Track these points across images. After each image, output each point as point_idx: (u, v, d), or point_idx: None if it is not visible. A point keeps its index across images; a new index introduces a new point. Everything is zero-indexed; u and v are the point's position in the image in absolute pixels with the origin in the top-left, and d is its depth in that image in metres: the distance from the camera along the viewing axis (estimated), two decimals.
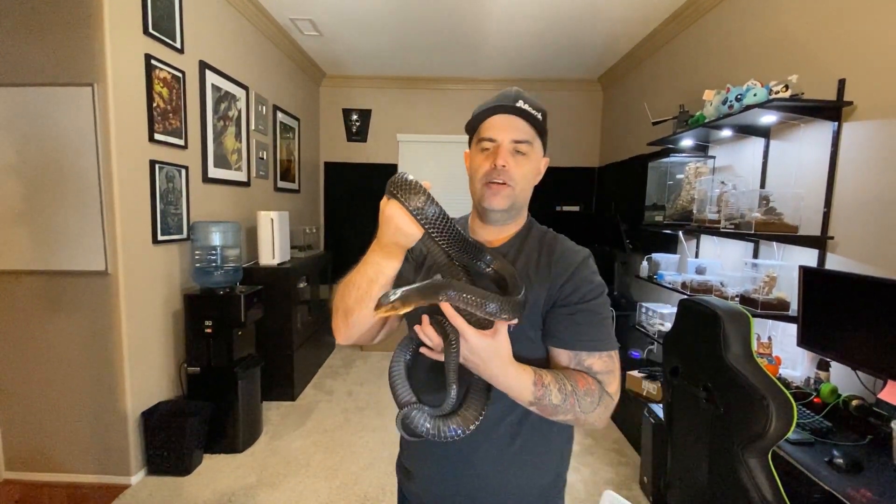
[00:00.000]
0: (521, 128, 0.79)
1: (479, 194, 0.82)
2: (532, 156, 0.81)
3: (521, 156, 0.80)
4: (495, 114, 0.80)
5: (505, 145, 0.79)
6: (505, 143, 0.79)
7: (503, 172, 0.78)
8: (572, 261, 0.81)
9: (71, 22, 1.94)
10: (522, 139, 0.79)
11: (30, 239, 2.04)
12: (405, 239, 0.69)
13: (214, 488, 2.17)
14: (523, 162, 0.80)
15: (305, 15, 3.28)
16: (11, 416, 2.16)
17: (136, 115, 2.14)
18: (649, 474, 2.09)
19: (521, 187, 0.81)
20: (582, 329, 0.77)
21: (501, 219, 0.84)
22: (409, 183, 0.67)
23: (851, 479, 1.20)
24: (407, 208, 0.67)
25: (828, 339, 1.63)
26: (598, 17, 3.16)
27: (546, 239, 0.87)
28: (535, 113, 0.80)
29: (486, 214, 0.84)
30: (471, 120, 0.84)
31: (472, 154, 0.84)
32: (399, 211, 0.67)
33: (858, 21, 1.73)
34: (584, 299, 0.78)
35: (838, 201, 1.79)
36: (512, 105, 0.78)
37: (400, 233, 0.68)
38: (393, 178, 0.69)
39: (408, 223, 0.67)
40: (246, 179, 3.21)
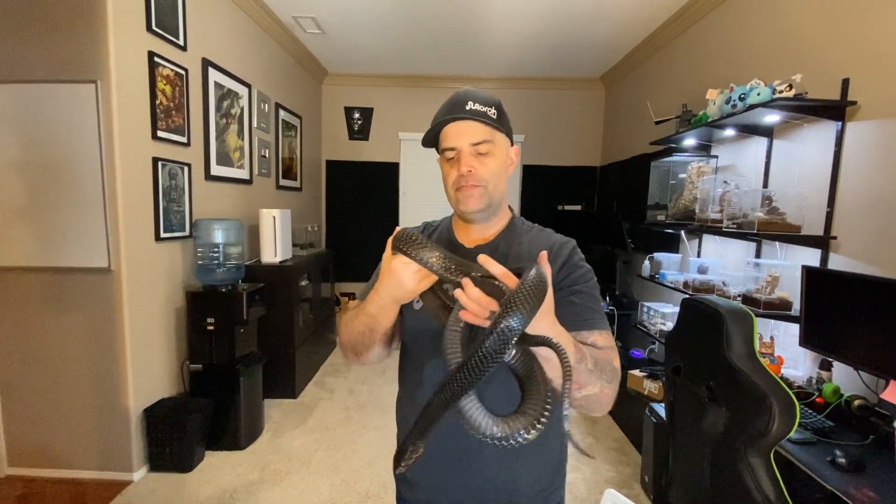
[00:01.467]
0: (476, 130, 0.80)
1: (454, 200, 0.84)
2: (496, 151, 0.82)
3: (484, 156, 0.81)
4: (448, 123, 0.81)
5: (465, 150, 0.80)
6: (465, 149, 0.80)
7: (470, 176, 0.80)
8: (563, 249, 0.86)
9: (75, 19, 1.94)
10: (480, 140, 0.80)
11: (33, 235, 2.05)
12: (404, 294, 0.71)
13: (216, 485, 2.17)
14: (488, 161, 0.81)
15: (308, 13, 3.28)
16: (14, 412, 2.17)
17: (140, 113, 2.14)
18: (650, 473, 2.09)
19: (493, 184, 0.83)
20: (581, 309, 0.80)
21: (481, 217, 0.86)
22: (415, 237, 0.67)
23: (853, 479, 1.20)
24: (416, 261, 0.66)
25: (830, 338, 1.63)
26: (601, 15, 3.16)
27: (534, 232, 0.91)
28: (486, 110, 0.81)
29: (466, 216, 0.85)
30: (428, 134, 0.85)
31: (441, 164, 0.87)
32: (405, 266, 0.68)
33: (863, 21, 1.73)
34: (578, 282, 0.82)
35: (841, 201, 1.79)
36: (462, 111, 0.79)
37: (401, 287, 0.70)
38: (398, 234, 0.70)
39: (411, 278, 0.69)
40: (248, 177, 3.21)
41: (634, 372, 2.58)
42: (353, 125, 4.80)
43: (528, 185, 4.83)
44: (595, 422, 2.91)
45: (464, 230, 0.90)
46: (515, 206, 4.86)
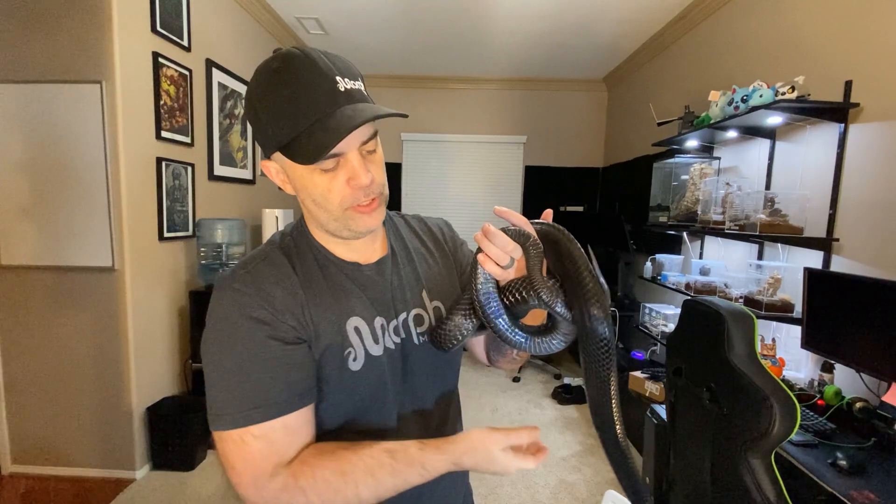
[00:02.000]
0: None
1: (344, 222, 0.61)
2: (379, 145, 0.62)
3: (373, 153, 0.61)
4: (326, 121, 0.53)
5: (355, 155, 0.57)
6: (354, 154, 0.57)
7: (373, 187, 0.60)
8: (446, 228, 0.83)
9: (80, 20, 1.96)
10: (370, 136, 0.58)
11: (38, 234, 2.06)
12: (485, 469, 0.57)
13: (218, 483, 2.18)
14: (377, 159, 0.62)
15: (311, 14, 3.29)
16: (18, 410, 2.18)
17: (144, 113, 2.15)
18: (651, 475, 2.09)
19: (386, 186, 0.65)
20: None
21: (374, 232, 0.68)
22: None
23: (855, 481, 1.20)
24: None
25: (832, 341, 1.63)
26: (604, 17, 3.16)
27: (408, 223, 0.79)
28: (361, 86, 0.58)
29: (358, 237, 0.65)
30: (273, 126, 0.55)
31: (303, 175, 0.58)
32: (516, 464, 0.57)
33: (865, 23, 1.72)
34: (468, 256, 0.80)
35: (844, 203, 1.79)
36: (342, 93, 0.54)
37: (491, 469, 0.57)
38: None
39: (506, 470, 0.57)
40: (251, 177, 3.22)
41: (636, 373, 2.58)
42: None
43: (530, 185, 4.83)
44: None
45: (343, 246, 0.67)
46: (517, 207, 4.86)
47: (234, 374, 0.56)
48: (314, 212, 0.62)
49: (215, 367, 0.57)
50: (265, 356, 0.56)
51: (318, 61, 0.54)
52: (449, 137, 4.72)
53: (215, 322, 0.58)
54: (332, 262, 0.66)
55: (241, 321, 0.57)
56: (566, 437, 2.73)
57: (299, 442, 0.58)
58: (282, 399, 0.56)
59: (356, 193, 0.59)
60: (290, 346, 0.58)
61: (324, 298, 0.63)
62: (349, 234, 0.63)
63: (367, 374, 0.63)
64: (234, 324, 0.57)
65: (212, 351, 0.58)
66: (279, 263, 0.62)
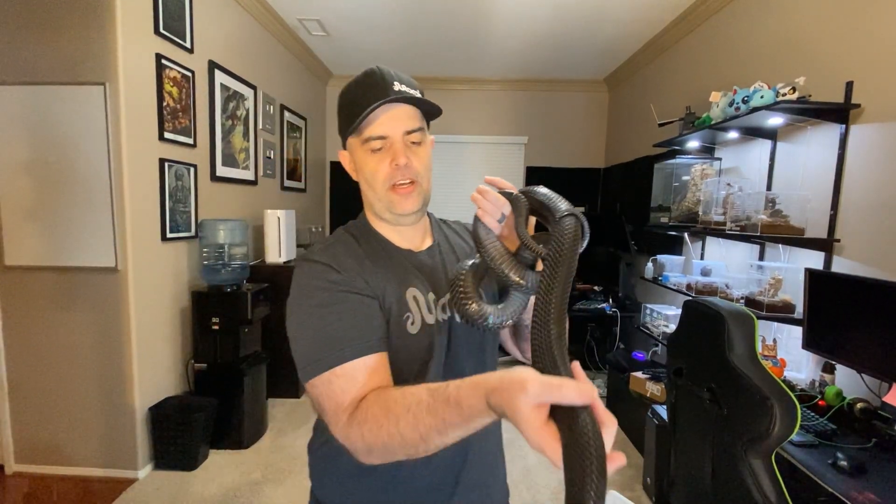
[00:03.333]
0: (410, 115, 0.70)
1: (386, 202, 0.72)
2: (425, 142, 0.73)
3: (417, 146, 0.71)
4: (376, 107, 0.68)
5: (398, 140, 0.69)
6: (398, 138, 0.69)
7: (407, 170, 0.70)
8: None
9: (84, 22, 1.97)
10: (414, 128, 0.70)
11: (42, 235, 2.08)
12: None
13: (220, 483, 2.19)
14: (421, 152, 0.72)
15: (313, 15, 3.30)
16: (22, 410, 2.19)
17: (147, 114, 2.16)
18: (652, 475, 2.09)
19: (427, 179, 0.74)
20: None
21: (415, 219, 0.77)
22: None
23: (855, 482, 1.20)
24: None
25: (833, 341, 1.63)
26: (605, 18, 3.17)
27: (450, 225, 0.90)
28: (416, 92, 0.71)
29: (399, 220, 0.75)
30: (345, 117, 0.72)
31: (360, 156, 0.72)
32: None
33: (866, 23, 1.73)
34: None
35: (845, 204, 1.79)
36: (392, 92, 0.68)
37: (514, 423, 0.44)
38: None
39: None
40: (253, 178, 3.23)
41: (637, 374, 2.58)
42: None
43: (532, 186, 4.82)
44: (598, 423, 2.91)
45: (395, 233, 0.78)
46: None
47: (319, 327, 0.64)
48: (367, 194, 0.75)
49: (301, 327, 0.65)
50: (344, 307, 0.65)
51: (385, 73, 0.70)
52: (450, 138, 4.72)
53: (297, 289, 0.68)
54: (389, 246, 0.77)
55: (320, 283, 0.67)
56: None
57: (376, 382, 0.62)
58: (362, 342, 0.63)
59: (395, 173, 0.70)
60: (365, 298, 0.67)
61: (386, 271, 0.72)
62: (391, 216, 0.74)
63: (422, 338, 0.71)
64: (314, 287, 0.67)
65: (296, 313, 0.66)
66: (348, 242, 0.75)
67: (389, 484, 0.73)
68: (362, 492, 0.75)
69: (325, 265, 0.68)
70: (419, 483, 0.73)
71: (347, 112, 0.71)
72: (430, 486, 0.74)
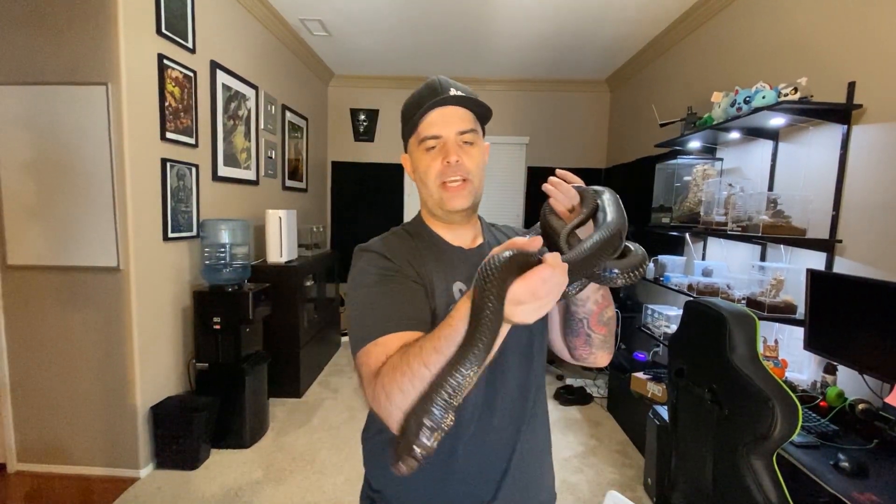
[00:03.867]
0: (462, 117, 0.75)
1: (437, 198, 0.76)
2: (478, 144, 0.77)
3: (470, 146, 0.76)
4: (432, 108, 0.74)
5: (451, 139, 0.74)
6: (451, 137, 0.74)
7: (458, 168, 0.74)
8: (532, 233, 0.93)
9: (86, 23, 1.97)
10: (467, 129, 0.75)
11: (44, 235, 2.08)
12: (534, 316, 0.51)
13: (221, 483, 2.19)
14: (473, 152, 0.76)
15: (315, 15, 3.31)
16: (24, 409, 2.20)
17: (149, 114, 2.17)
18: (653, 476, 2.09)
19: (479, 178, 0.78)
20: None
21: (466, 217, 0.80)
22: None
23: (857, 483, 1.20)
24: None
25: (835, 342, 1.62)
26: (607, 18, 3.16)
27: (500, 228, 0.92)
28: (471, 96, 0.76)
29: (450, 217, 0.79)
30: (405, 121, 0.79)
31: (417, 156, 0.78)
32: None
33: (869, 24, 1.72)
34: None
35: (847, 204, 1.78)
36: (448, 95, 0.73)
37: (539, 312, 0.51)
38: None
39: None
40: (255, 178, 3.24)
41: (638, 374, 2.58)
42: (358, 127, 4.83)
43: (533, 186, 4.83)
44: (598, 424, 2.91)
45: (448, 231, 0.82)
46: (520, 209, 4.87)
47: (370, 306, 0.68)
48: (421, 191, 0.80)
49: (354, 306, 0.71)
50: (392, 288, 0.70)
51: (442, 80, 0.76)
52: None
53: (354, 275, 0.75)
54: (442, 242, 0.81)
55: (374, 269, 0.72)
56: (568, 438, 2.73)
57: None
58: (404, 319, 0.66)
59: (446, 170, 0.74)
60: (412, 284, 0.72)
61: (436, 264, 0.77)
62: (443, 213, 0.79)
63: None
64: (369, 273, 0.72)
65: (351, 296, 0.73)
66: (402, 236, 0.81)
67: (441, 472, 0.74)
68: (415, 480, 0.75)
69: (379, 254, 0.75)
70: (471, 469, 0.75)
71: (407, 116, 0.78)
72: (480, 476, 0.76)
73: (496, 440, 0.76)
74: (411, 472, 0.48)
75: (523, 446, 0.79)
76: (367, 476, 0.86)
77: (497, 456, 0.77)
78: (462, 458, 0.74)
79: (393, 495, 0.79)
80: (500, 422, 0.76)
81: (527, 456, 0.80)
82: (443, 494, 0.75)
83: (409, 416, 0.50)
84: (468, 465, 0.75)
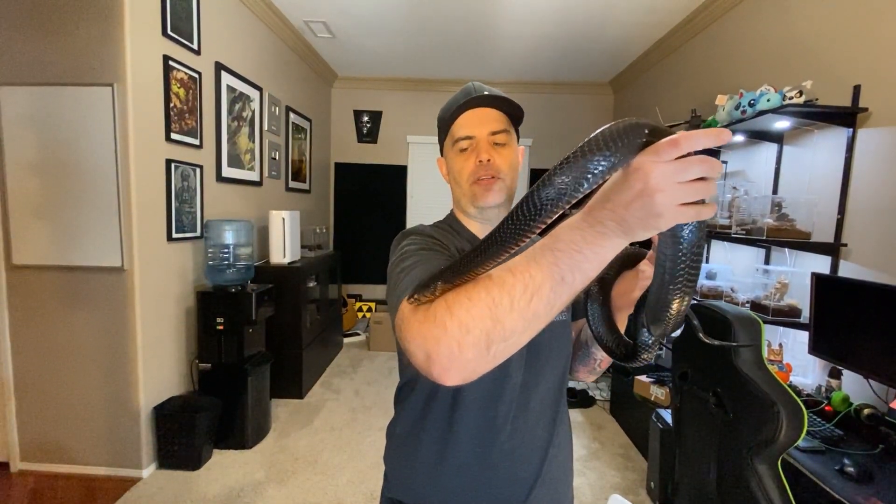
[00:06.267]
0: (495, 118, 0.76)
1: (470, 195, 0.78)
2: (511, 144, 0.78)
3: (502, 146, 0.77)
4: (466, 109, 0.76)
5: (483, 139, 0.76)
6: (483, 137, 0.76)
7: (489, 166, 0.75)
8: None
9: (93, 24, 1.99)
10: (499, 129, 0.76)
11: (50, 235, 2.09)
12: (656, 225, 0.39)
13: (224, 483, 2.19)
14: (505, 152, 0.77)
15: (319, 17, 3.32)
16: (27, 408, 2.21)
17: (154, 115, 2.18)
18: (656, 479, 2.08)
19: (511, 177, 0.79)
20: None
21: (498, 213, 0.80)
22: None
23: (862, 488, 1.19)
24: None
25: (840, 346, 1.62)
26: (611, 20, 3.16)
27: None
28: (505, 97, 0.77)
29: (483, 213, 0.80)
30: (441, 126, 0.81)
31: (450, 158, 0.81)
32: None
33: (874, 27, 1.72)
34: None
35: (852, 208, 1.78)
36: (480, 95, 0.75)
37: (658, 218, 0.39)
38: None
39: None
40: (258, 179, 3.25)
41: (641, 377, 2.57)
42: (361, 128, 4.84)
43: None
44: (601, 427, 2.90)
45: (481, 230, 0.83)
46: None
47: (415, 265, 0.66)
48: (455, 191, 0.82)
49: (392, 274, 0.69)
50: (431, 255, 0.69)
51: (476, 84, 0.78)
52: None
53: (394, 253, 0.74)
54: (475, 239, 0.81)
55: (413, 248, 0.71)
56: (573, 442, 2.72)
57: None
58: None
59: (478, 169, 0.76)
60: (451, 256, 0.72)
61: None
62: (475, 210, 0.79)
63: None
64: (409, 250, 0.71)
65: (395, 264, 0.70)
66: (439, 227, 0.84)
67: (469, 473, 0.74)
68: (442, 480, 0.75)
69: (418, 234, 0.76)
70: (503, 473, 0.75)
71: (442, 121, 0.80)
72: (514, 479, 0.75)
73: (531, 441, 0.77)
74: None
75: (555, 449, 0.79)
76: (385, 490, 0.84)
77: (531, 457, 0.77)
78: (496, 460, 0.74)
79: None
80: (534, 422, 0.76)
81: (559, 457, 0.81)
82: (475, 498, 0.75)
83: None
84: (500, 469, 0.74)
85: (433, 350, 0.47)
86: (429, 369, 0.48)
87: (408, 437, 0.79)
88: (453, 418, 0.74)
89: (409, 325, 0.51)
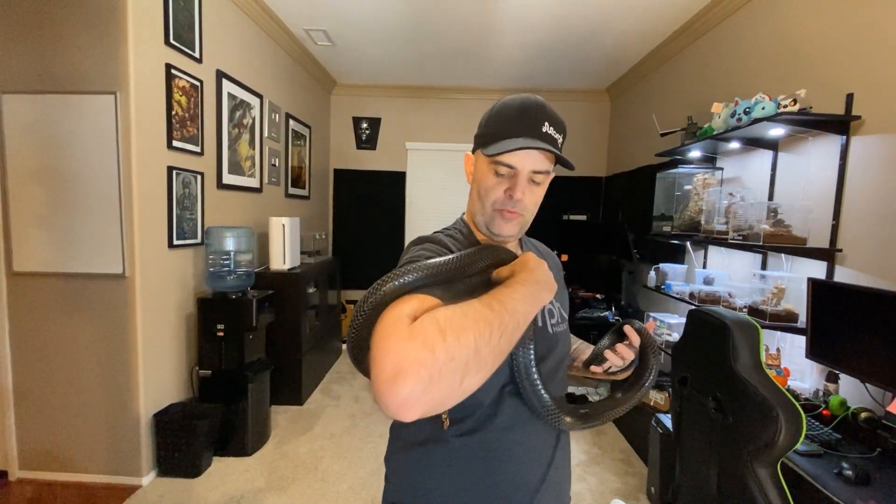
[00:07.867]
0: (543, 158, 0.74)
1: (489, 219, 0.78)
2: (545, 184, 0.78)
3: (536, 185, 0.76)
4: (523, 148, 0.72)
5: (524, 175, 0.74)
6: (524, 173, 0.74)
7: (518, 204, 0.75)
8: (557, 261, 1.00)
9: (96, 33, 2.01)
10: (541, 169, 0.75)
11: (51, 242, 2.10)
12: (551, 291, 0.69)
13: (224, 491, 2.19)
14: (537, 190, 0.77)
15: (319, 25, 3.35)
16: (26, 416, 2.20)
17: (156, 123, 2.19)
18: (657, 484, 2.09)
19: (531, 213, 0.80)
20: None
21: (510, 240, 0.83)
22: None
23: (860, 491, 1.21)
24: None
25: (837, 351, 1.63)
26: (607, 28, 3.21)
27: (536, 245, 0.98)
28: (558, 138, 0.76)
29: (493, 237, 0.81)
30: (490, 132, 0.76)
31: (482, 169, 0.78)
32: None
33: (867, 36, 1.76)
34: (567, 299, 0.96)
35: (847, 214, 1.80)
36: (539, 133, 0.73)
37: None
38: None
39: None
40: (258, 186, 3.26)
41: None
42: (360, 135, 4.86)
43: None
44: (601, 432, 2.91)
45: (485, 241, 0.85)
46: None
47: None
48: (475, 203, 0.81)
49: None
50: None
51: (539, 110, 0.75)
52: (453, 146, 4.76)
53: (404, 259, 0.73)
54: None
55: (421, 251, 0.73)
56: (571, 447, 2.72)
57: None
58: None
59: (507, 201, 0.75)
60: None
61: None
62: (488, 232, 0.80)
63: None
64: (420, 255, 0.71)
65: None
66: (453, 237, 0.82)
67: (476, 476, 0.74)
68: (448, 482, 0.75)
69: (434, 242, 0.77)
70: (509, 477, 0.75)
71: (494, 129, 0.76)
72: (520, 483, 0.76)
73: (538, 444, 0.78)
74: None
75: (560, 451, 0.82)
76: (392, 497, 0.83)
77: (539, 460, 0.78)
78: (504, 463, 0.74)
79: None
80: (542, 425, 0.77)
81: (562, 461, 0.83)
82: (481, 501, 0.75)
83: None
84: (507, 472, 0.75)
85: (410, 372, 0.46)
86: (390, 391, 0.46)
87: (413, 440, 0.79)
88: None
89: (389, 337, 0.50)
